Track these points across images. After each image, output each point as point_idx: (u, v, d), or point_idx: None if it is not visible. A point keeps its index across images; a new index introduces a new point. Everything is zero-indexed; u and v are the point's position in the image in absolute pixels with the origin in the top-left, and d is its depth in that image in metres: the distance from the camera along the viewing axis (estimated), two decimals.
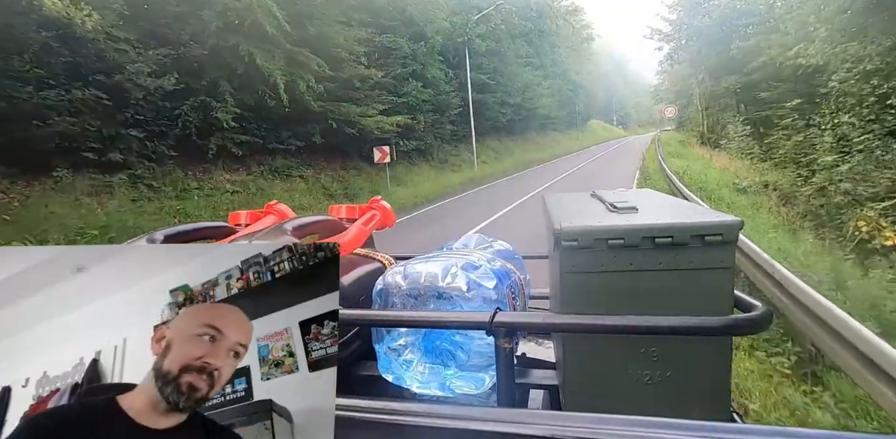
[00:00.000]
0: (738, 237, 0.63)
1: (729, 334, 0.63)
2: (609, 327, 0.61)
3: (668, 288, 0.64)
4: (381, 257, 1.06)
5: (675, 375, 0.65)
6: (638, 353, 0.66)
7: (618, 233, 0.64)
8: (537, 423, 0.55)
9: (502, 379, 0.68)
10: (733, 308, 0.65)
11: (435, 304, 0.78)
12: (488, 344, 0.71)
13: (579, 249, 0.65)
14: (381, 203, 1.26)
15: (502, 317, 0.65)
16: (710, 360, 0.65)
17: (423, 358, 0.78)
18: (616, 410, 0.54)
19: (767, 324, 0.60)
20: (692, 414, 0.61)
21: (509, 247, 0.98)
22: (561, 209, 0.81)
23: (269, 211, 1.23)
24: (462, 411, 0.60)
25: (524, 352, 0.95)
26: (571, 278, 0.66)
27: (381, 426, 0.59)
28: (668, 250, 0.63)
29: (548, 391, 0.78)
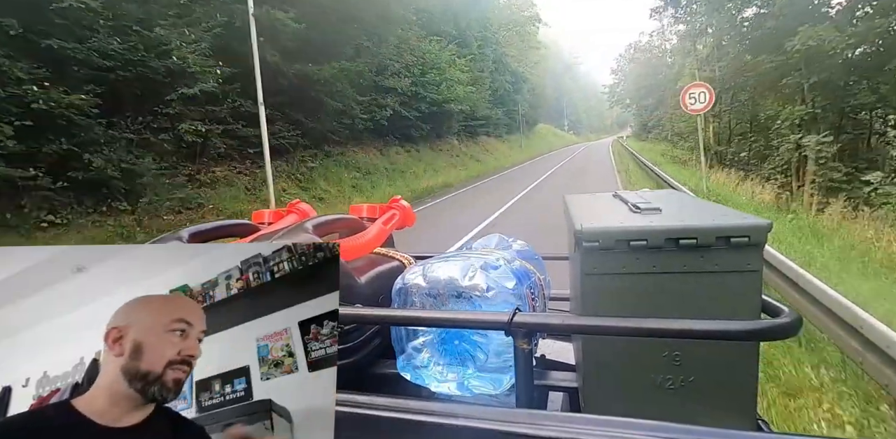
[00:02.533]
0: (766, 239, 0.61)
1: (756, 339, 0.62)
2: (630, 330, 0.60)
3: (692, 291, 0.63)
4: (401, 256, 1.07)
5: (698, 380, 0.64)
6: (660, 357, 0.64)
7: (640, 234, 0.62)
8: (556, 425, 0.55)
9: (521, 380, 0.68)
10: (760, 312, 0.63)
11: (454, 304, 0.77)
12: (507, 344, 0.70)
13: (600, 250, 0.64)
14: (400, 202, 1.27)
15: (521, 317, 0.65)
16: (735, 366, 0.64)
17: (442, 357, 0.78)
18: (636, 415, 0.53)
19: (796, 331, 0.58)
20: (716, 420, 0.59)
21: (529, 248, 0.97)
22: (582, 209, 0.80)
23: (291, 210, 1.25)
24: (480, 411, 0.60)
25: (544, 354, 0.94)
26: (592, 280, 0.65)
27: (399, 424, 0.59)
28: (692, 252, 0.62)
29: (567, 393, 0.77)
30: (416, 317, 0.74)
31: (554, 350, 0.99)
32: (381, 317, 0.76)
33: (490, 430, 0.56)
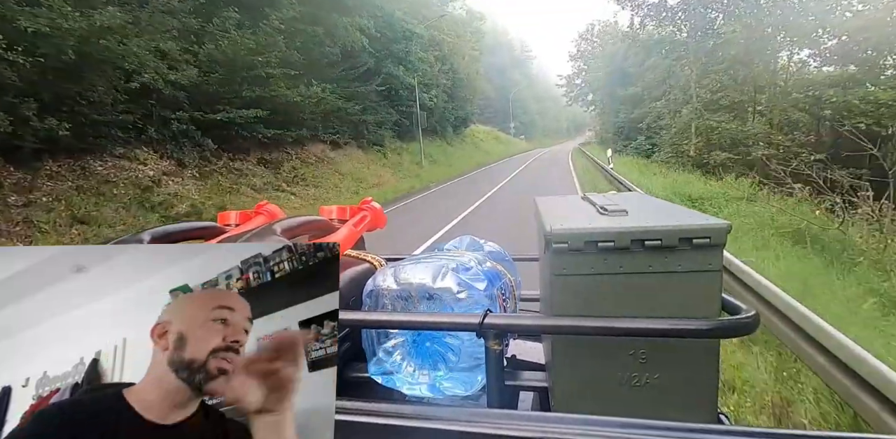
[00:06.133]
0: (726, 240, 0.63)
1: (716, 337, 0.63)
2: (598, 329, 0.62)
3: (658, 290, 0.64)
4: (372, 258, 1.05)
5: (662, 377, 0.66)
6: (627, 355, 0.66)
7: (608, 236, 0.64)
8: (526, 425, 0.56)
9: (492, 380, 0.68)
10: (721, 311, 0.66)
11: (425, 306, 0.78)
12: (479, 345, 0.71)
13: (569, 251, 0.65)
14: (371, 204, 1.25)
15: (493, 318, 0.66)
16: (697, 362, 0.66)
17: (414, 359, 0.78)
18: (605, 412, 0.54)
19: (754, 327, 0.60)
20: (680, 415, 0.62)
21: (500, 249, 0.98)
22: (552, 211, 0.82)
23: (258, 211, 1.22)
24: (451, 413, 0.61)
25: (514, 354, 0.95)
26: (561, 280, 0.66)
27: (371, 428, 0.59)
28: (657, 253, 0.63)
29: (537, 393, 0.79)
30: (388, 319, 0.74)
31: (524, 350, 1.00)
32: (352, 321, 0.75)
33: (462, 432, 0.56)
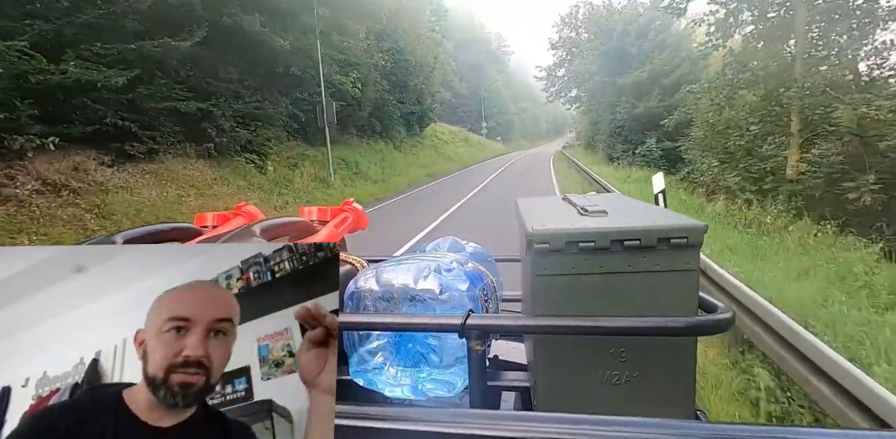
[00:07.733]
0: (702, 240, 0.64)
1: (693, 335, 0.65)
2: (579, 328, 0.63)
3: (637, 290, 0.66)
4: (353, 260, 1.04)
5: (642, 375, 0.67)
6: (607, 354, 0.67)
7: (588, 236, 0.65)
8: (509, 425, 0.56)
9: (474, 381, 0.69)
10: (698, 309, 0.67)
11: (407, 307, 0.77)
12: (461, 346, 0.71)
13: (551, 252, 0.65)
14: (353, 205, 1.24)
15: (475, 319, 0.66)
16: (675, 360, 0.67)
17: (396, 361, 0.78)
18: (586, 410, 0.55)
19: (729, 325, 0.62)
20: (658, 412, 0.63)
21: (482, 250, 0.99)
22: (533, 212, 0.82)
23: (237, 212, 1.19)
24: (434, 414, 0.61)
25: (497, 355, 0.96)
26: (543, 280, 0.67)
27: (354, 430, 0.58)
28: (636, 253, 0.65)
29: (519, 392, 0.78)
30: (370, 321, 0.74)
31: (506, 350, 1.00)
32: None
33: (444, 433, 0.56)
